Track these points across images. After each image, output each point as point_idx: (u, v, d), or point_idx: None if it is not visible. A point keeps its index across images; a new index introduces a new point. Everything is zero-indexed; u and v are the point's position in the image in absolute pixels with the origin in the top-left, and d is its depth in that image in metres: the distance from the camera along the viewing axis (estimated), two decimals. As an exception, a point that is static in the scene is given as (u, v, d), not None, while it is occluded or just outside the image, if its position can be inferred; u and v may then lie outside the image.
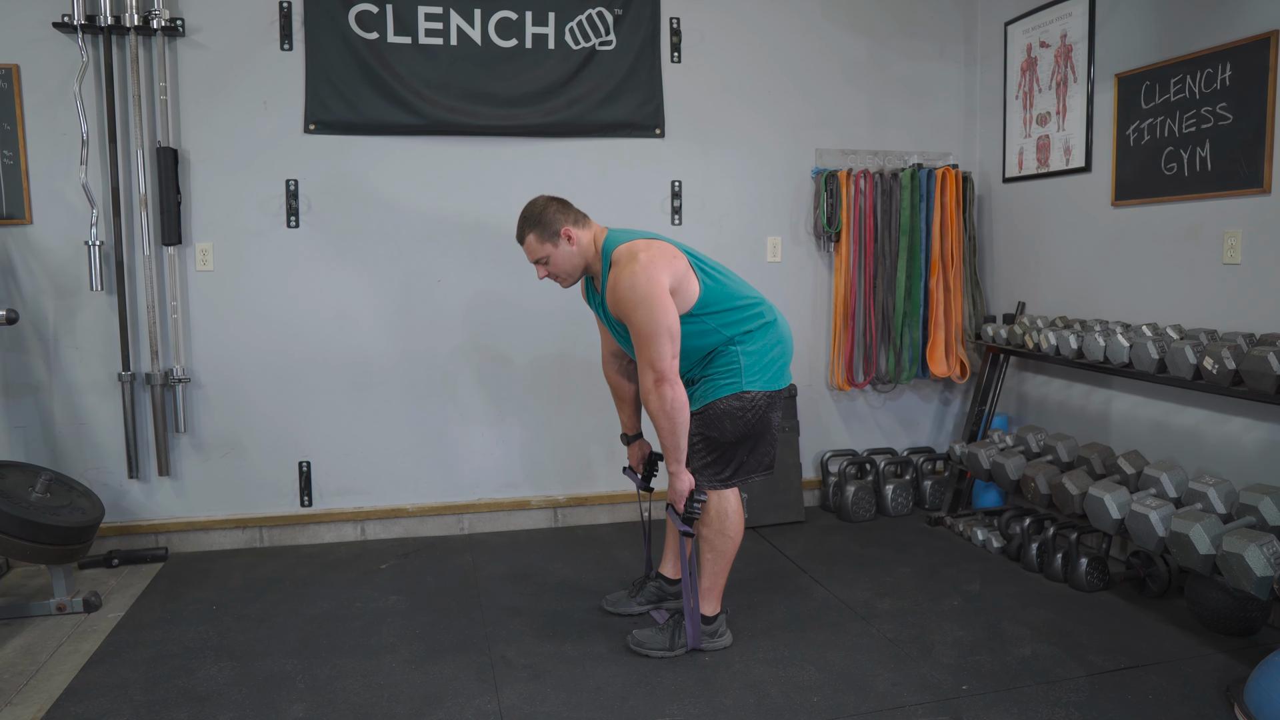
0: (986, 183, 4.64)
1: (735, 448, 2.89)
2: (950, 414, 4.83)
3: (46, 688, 2.78)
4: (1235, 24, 3.25)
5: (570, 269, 2.90)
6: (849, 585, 3.56)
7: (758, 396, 2.87)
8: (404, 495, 4.22)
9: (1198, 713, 2.57)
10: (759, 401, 2.88)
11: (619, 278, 2.74)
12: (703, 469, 2.89)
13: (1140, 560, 3.44)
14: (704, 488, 2.87)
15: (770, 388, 2.90)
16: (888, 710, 2.62)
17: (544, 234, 2.86)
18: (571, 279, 2.94)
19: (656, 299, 2.67)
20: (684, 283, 2.78)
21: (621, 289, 2.72)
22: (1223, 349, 3.00)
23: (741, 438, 2.89)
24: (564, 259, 2.88)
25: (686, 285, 2.79)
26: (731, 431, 2.86)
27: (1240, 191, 3.24)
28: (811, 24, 4.45)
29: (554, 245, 2.86)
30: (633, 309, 2.69)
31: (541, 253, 2.88)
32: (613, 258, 2.81)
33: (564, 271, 2.91)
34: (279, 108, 3.94)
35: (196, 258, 3.93)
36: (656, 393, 2.70)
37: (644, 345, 2.69)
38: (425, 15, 3.99)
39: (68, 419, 3.87)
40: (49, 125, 3.74)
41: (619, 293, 2.73)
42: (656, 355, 2.68)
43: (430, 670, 2.89)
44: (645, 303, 2.67)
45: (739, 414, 2.85)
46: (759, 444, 2.94)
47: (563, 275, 2.92)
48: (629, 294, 2.70)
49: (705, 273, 2.86)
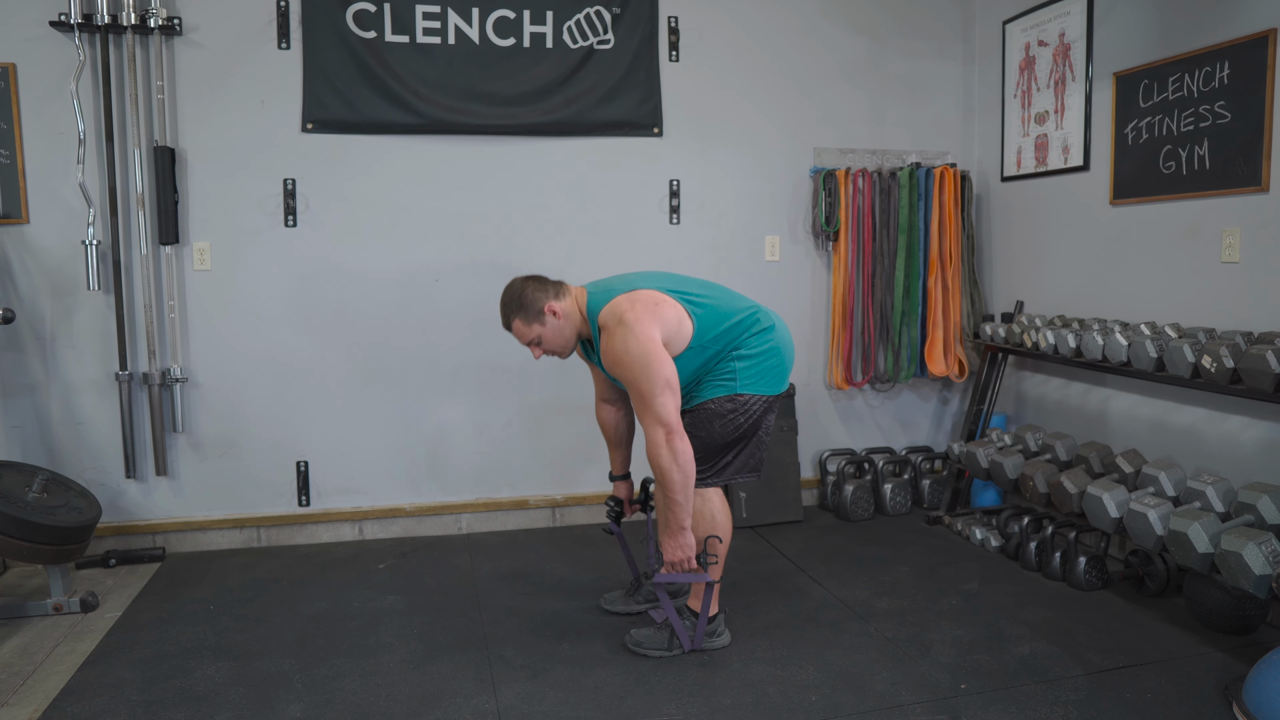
0: (985, 182, 4.64)
1: (723, 450, 2.89)
2: (949, 413, 4.82)
3: (43, 688, 2.78)
4: (1233, 22, 3.25)
5: (564, 342, 2.91)
6: (847, 584, 3.56)
7: (752, 400, 2.86)
8: (402, 495, 4.21)
9: (1196, 711, 2.57)
10: (754, 406, 2.87)
11: (610, 343, 2.74)
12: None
13: (1139, 559, 3.43)
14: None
15: (768, 392, 2.90)
16: (886, 709, 2.62)
17: (529, 316, 2.85)
18: (569, 350, 2.95)
19: (651, 355, 2.67)
20: (677, 325, 2.78)
21: (615, 353, 2.72)
22: (1221, 347, 3.00)
23: (731, 441, 2.88)
24: (555, 335, 2.88)
25: (680, 328, 2.79)
26: (720, 433, 2.86)
27: (1238, 190, 3.24)
28: (810, 23, 4.45)
29: (541, 324, 2.86)
30: (629, 370, 2.70)
31: (532, 335, 2.87)
32: (600, 323, 2.81)
33: (559, 347, 2.92)
34: (276, 107, 3.94)
35: (194, 257, 3.92)
36: (669, 447, 2.68)
37: (647, 404, 2.68)
38: (423, 14, 3.98)
39: (65, 419, 3.86)
40: (46, 124, 3.73)
41: (613, 356, 2.74)
42: (661, 411, 2.67)
43: (428, 670, 2.88)
44: (641, 362, 2.67)
45: (730, 415, 2.85)
46: (747, 446, 2.93)
47: (559, 350, 2.93)
48: (623, 357, 2.70)
49: (694, 304, 2.84)
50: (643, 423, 2.72)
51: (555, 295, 2.87)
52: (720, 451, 2.89)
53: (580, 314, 2.89)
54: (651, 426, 2.69)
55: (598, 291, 2.90)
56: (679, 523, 2.75)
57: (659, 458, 2.69)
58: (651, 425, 2.69)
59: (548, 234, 4.23)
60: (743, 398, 2.85)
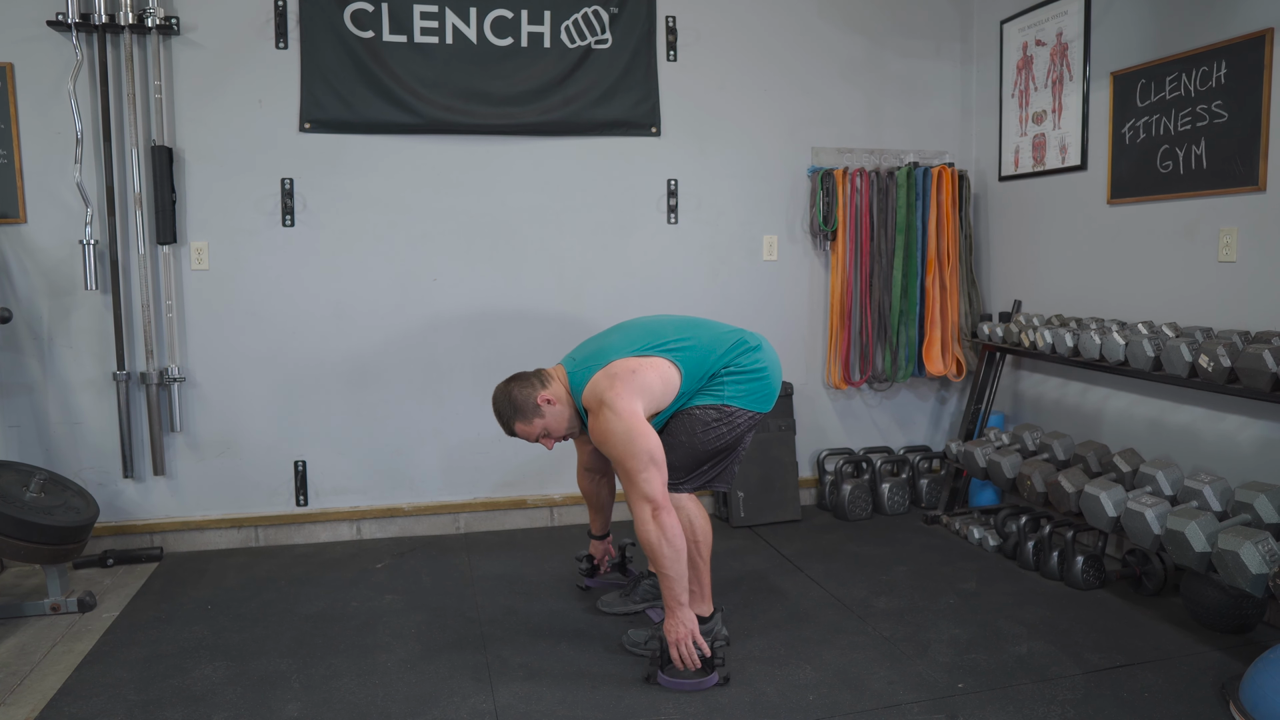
0: (982, 181, 4.64)
1: (703, 459, 2.88)
2: (946, 412, 4.83)
3: (41, 688, 2.78)
4: (1230, 22, 3.25)
5: (568, 424, 2.91)
6: (845, 584, 3.56)
7: (738, 414, 2.87)
8: (400, 495, 4.21)
9: (1193, 710, 2.57)
10: (739, 419, 2.87)
11: (596, 425, 2.74)
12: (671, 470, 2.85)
13: (1136, 558, 3.44)
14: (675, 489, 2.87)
15: (754, 409, 2.90)
16: (884, 709, 2.62)
17: (527, 415, 2.86)
18: (577, 428, 2.94)
19: (634, 432, 2.66)
20: (662, 387, 2.79)
21: (601, 432, 2.72)
22: (1218, 346, 3.01)
23: (712, 451, 2.87)
24: (557, 421, 2.89)
25: (666, 385, 2.79)
26: (703, 440, 2.85)
27: (1235, 189, 3.24)
28: (808, 23, 4.45)
29: (541, 418, 2.86)
30: (614, 448, 2.70)
31: (536, 431, 2.88)
32: (585, 406, 2.82)
33: (565, 432, 2.92)
34: (274, 106, 3.94)
35: (191, 257, 3.92)
36: (656, 523, 2.66)
37: (632, 481, 2.68)
38: (421, 14, 3.98)
39: (62, 418, 3.86)
40: (43, 124, 3.73)
41: (599, 436, 2.73)
42: (646, 488, 2.66)
43: (426, 670, 2.88)
44: (625, 440, 2.66)
45: (714, 425, 2.85)
46: (725, 460, 2.94)
47: (567, 432, 2.93)
48: (608, 436, 2.69)
49: (676, 352, 2.84)
50: (629, 500, 2.71)
51: (542, 385, 2.89)
52: (700, 460, 2.89)
53: (568, 393, 2.90)
54: (638, 503, 2.68)
55: (576, 370, 2.90)
56: (675, 599, 2.73)
57: (647, 534, 2.68)
58: (638, 502, 2.68)
59: (545, 233, 4.23)
60: (729, 409, 2.85)
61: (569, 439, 2.99)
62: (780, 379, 3.01)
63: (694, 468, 2.90)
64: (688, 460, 2.87)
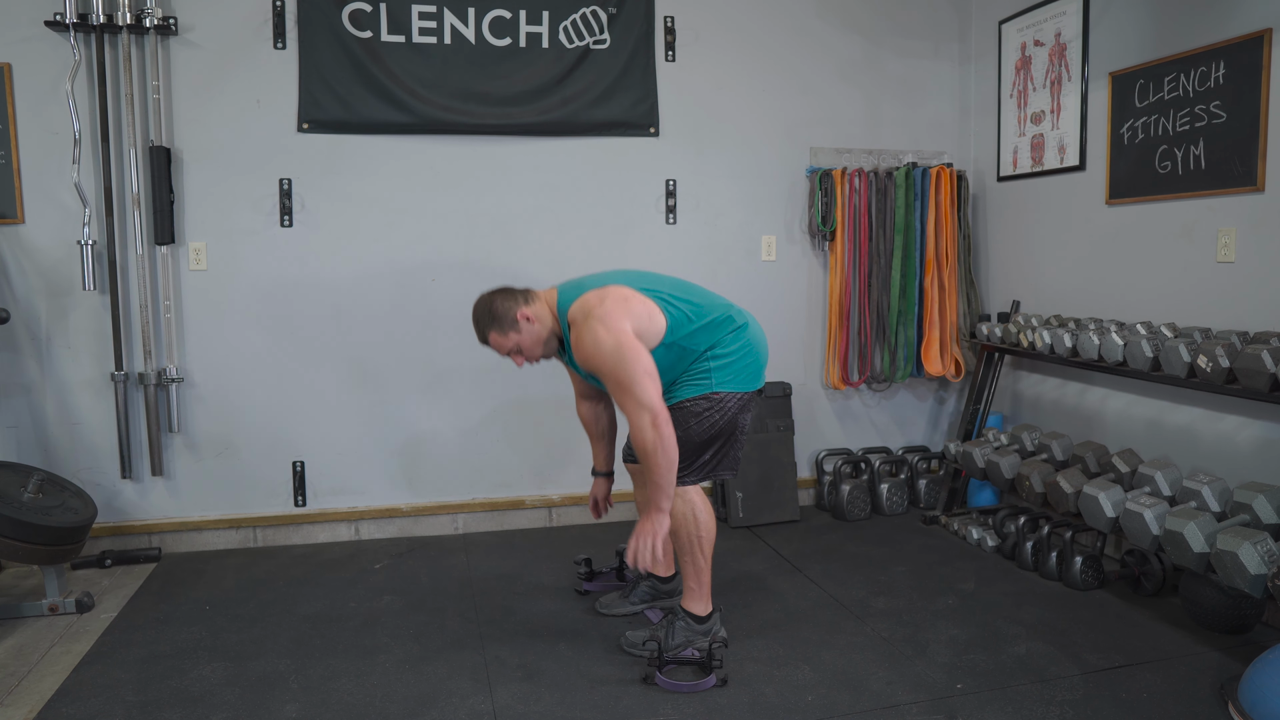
0: (981, 181, 4.64)
1: (701, 448, 2.87)
2: (945, 413, 4.83)
3: (38, 688, 2.77)
4: (1228, 22, 3.25)
5: (544, 347, 2.90)
6: (844, 584, 3.56)
7: (728, 398, 2.85)
8: (398, 495, 4.21)
9: (1192, 711, 2.57)
10: (729, 403, 2.86)
11: (581, 337, 2.72)
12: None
13: (1135, 559, 3.44)
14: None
15: (742, 389, 2.88)
16: (882, 709, 2.62)
17: (504, 326, 2.85)
18: (549, 352, 2.93)
19: (625, 346, 2.64)
20: (649, 321, 2.76)
21: (586, 347, 2.70)
22: (1217, 347, 3.01)
23: (708, 439, 2.86)
24: (533, 340, 2.86)
25: (652, 322, 2.77)
26: (697, 431, 2.84)
27: (1234, 190, 3.24)
28: (806, 23, 4.44)
29: (518, 333, 2.84)
30: (603, 362, 2.67)
31: (510, 344, 2.86)
32: (569, 318, 2.79)
33: (538, 353, 2.90)
34: (272, 106, 3.93)
35: (189, 257, 3.91)
36: (655, 432, 2.62)
37: (627, 391, 2.65)
38: (419, 14, 3.98)
39: (60, 419, 3.86)
40: (41, 124, 3.72)
41: (585, 351, 2.71)
42: (643, 396, 2.63)
43: (424, 670, 2.88)
44: (615, 354, 2.65)
45: (705, 414, 2.83)
46: (725, 445, 2.92)
47: (539, 355, 2.91)
48: (594, 350, 2.67)
49: (667, 302, 2.83)
50: (626, 412, 2.68)
51: (525, 301, 2.86)
52: (699, 450, 2.87)
53: (551, 313, 2.88)
54: (636, 413, 2.64)
55: (568, 289, 2.89)
56: (658, 504, 2.71)
57: (644, 442, 2.64)
58: (635, 411, 2.64)
59: (544, 234, 4.23)
60: (718, 395, 2.83)
61: (541, 361, 2.94)
62: (767, 355, 3.00)
63: (695, 458, 2.87)
64: (687, 452, 2.85)
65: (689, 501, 2.87)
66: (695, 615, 2.93)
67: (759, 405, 4.41)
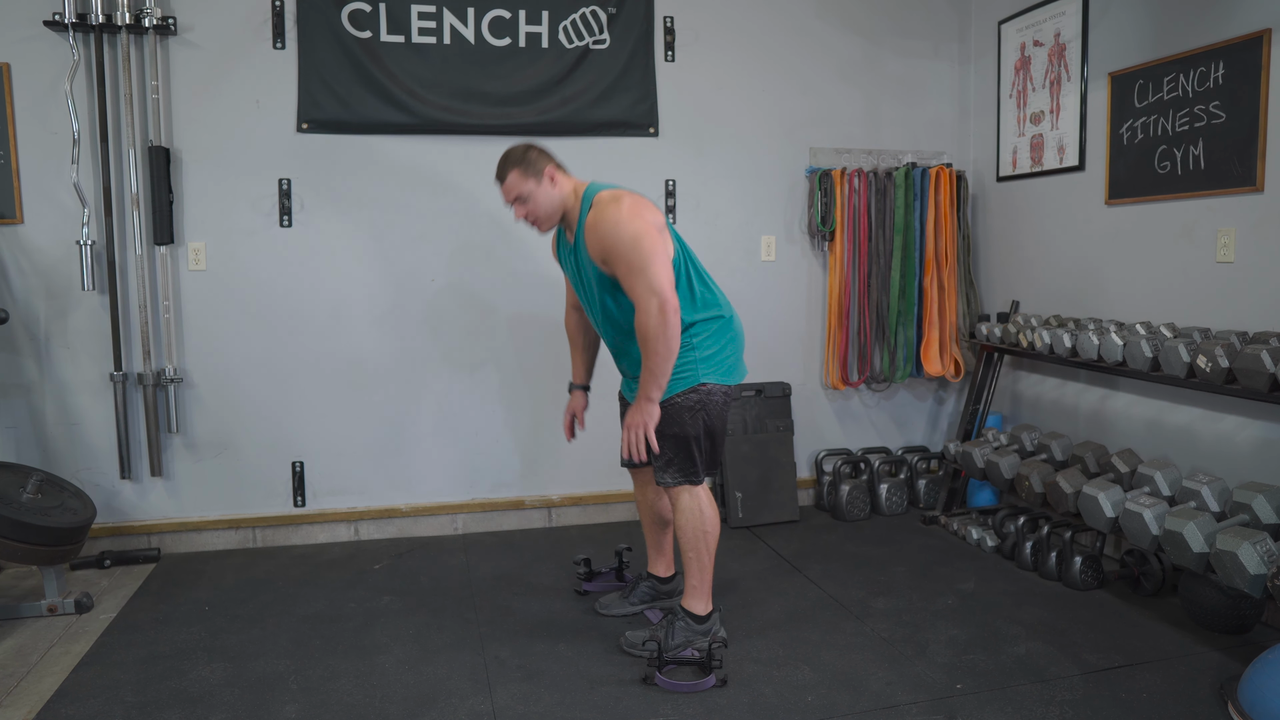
0: (980, 181, 4.64)
1: (697, 443, 2.86)
2: (945, 413, 4.83)
3: (37, 689, 2.77)
4: (1228, 23, 3.25)
5: (549, 211, 2.85)
6: (844, 584, 3.56)
7: (714, 390, 2.85)
8: (398, 495, 4.21)
9: (1191, 711, 2.57)
10: (716, 396, 2.86)
11: (602, 215, 2.71)
12: (666, 466, 2.87)
13: (1134, 559, 3.44)
14: (673, 485, 2.88)
15: (726, 381, 2.89)
16: (882, 709, 2.62)
17: (527, 171, 2.81)
18: (550, 223, 2.88)
19: (643, 229, 2.65)
20: (662, 235, 2.74)
21: (606, 225, 2.69)
22: (1216, 347, 3.01)
23: (699, 434, 2.85)
24: (544, 200, 2.83)
25: (665, 239, 2.75)
26: (691, 425, 2.83)
27: (1233, 190, 3.24)
28: (805, 23, 4.44)
29: (536, 183, 2.81)
30: (619, 241, 2.66)
31: (522, 189, 2.81)
32: (594, 200, 2.79)
33: (543, 213, 2.85)
34: (272, 106, 3.93)
35: (189, 257, 3.91)
36: (661, 318, 2.61)
37: (639, 276, 2.63)
38: (418, 14, 3.98)
39: (59, 419, 3.85)
40: (40, 124, 3.72)
41: (602, 229, 2.69)
42: (655, 281, 2.61)
43: (424, 671, 2.88)
44: (633, 236, 2.64)
45: (696, 408, 2.83)
46: (717, 441, 2.92)
47: (541, 218, 2.86)
48: (613, 229, 2.67)
49: (680, 244, 2.86)
50: (636, 297, 2.65)
51: (558, 168, 2.87)
52: (696, 445, 2.86)
53: (575, 196, 2.86)
54: (645, 297, 2.62)
55: (602, 183, 2.90)
56: (648, 393, 2.71)
57: (647, 326, 2.63)
58: (645, 296, 2.62)
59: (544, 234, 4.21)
60: (705, 388, 2.83)
61: (540, 227, 2.88)
62: (743, 347, 3.00)
63: (694, 454, 2.86)
64: (685, 450, 2.85)
65: (696, 498, 2.88)
66: (695, 615, 2.93)
67: (758, 405, 4.41)
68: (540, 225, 2.89)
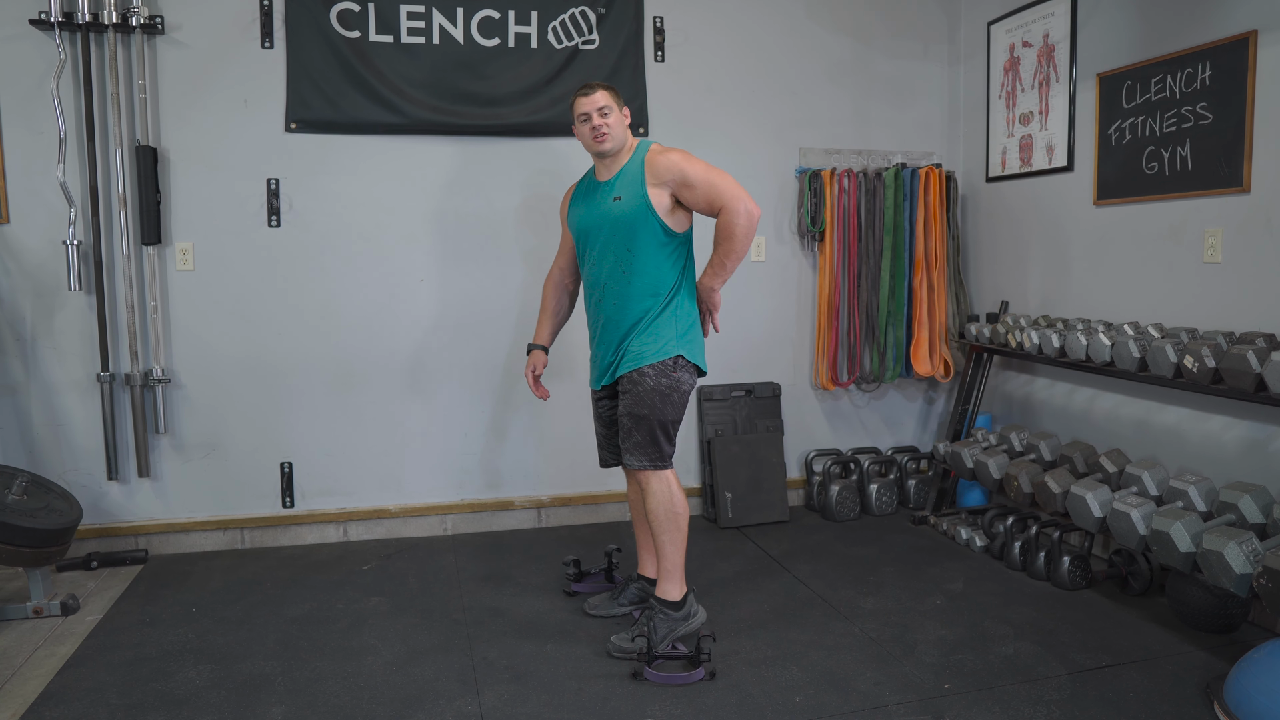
0: (970, 182, 4.65)
1: (662, 428, 2.97)
2: (934, 413, 4.83)
3: (22, 692, 2.75)
4: (1215, 24, 3.26)
5: (620, 135, 3.03)
6: (832, 585, 3.56)
7: (686, 372, 3.00)
8: (387, 496, 4.20)
9: (1178, 710, 2.58)
10: (686, 383, 3.00)
11: (668, 152, 2.98)
12: (637, 448, 2.97)
13: (1122, 558, 3.45)
14: (643, 469, 2.97)
15: (698, 362, 3.05)
16: (870, 710, 2.62)
17: (617, 97, 3.05)
18: (615, 144, 3.02)
19: (714, 168, 2.96)
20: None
21: (675, 156, 2.96)
22: (1203, 347, 3.02)
23: (669, 418, 2.98)
24: (619, 125, 3.03)
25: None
26: (661, 409, 2.95)
27: (1220, 191, 3.25)
28: (795, 23, 4.45)
29: (619, 109, 3.03)
30: (694, 166, 2.94)
31: (610, 104, 3.01)
32: (651, 147, 3.03)
33: (616, 133, 3.02)
34: (260, 106, 3.92)
35: (176, 257, 3.90)
36: (748, 218, 2.91)
37: (719, 188, 2.91)
38: (407, 14, 3.97)
39: (46, 420, 3.83)
40: (26, 123, 3.70)
41: (674, 157, 2.95)
42: (737, 186, 2.91)
43: (411, 672, 2.87)
44: (705, 165, 2.95)
45: (668, 391, 2.96)
46: (678, 425, 3.03)
47: (613, 135, 3.01)
48: (685, 159, 2.95)
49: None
50: (725, 200, 2.90)
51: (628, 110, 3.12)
52: (658, 430, 2.96)
53: (629, 142, 3.07)
54: (734, 199, 2.90)
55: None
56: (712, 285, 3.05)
57: (735, 224, 2.90)
58: (734, 198, 2.90)
59: (533, 234, 4.22)
60: (679, 372, 2.97)
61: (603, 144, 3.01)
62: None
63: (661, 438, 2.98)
64: (652, 432, 2.96)
65: (666, 481, 2.99)
66: (671, 602, 2.97)
67: (748, 406, 4.41)
68: (606, 141, 3.02)
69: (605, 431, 3.23)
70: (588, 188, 3.15)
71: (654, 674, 2.76)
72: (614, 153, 3.04)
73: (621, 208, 2.98)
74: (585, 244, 3.12)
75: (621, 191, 2.99)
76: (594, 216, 3.07)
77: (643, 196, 2.95)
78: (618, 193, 3.00)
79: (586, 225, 3.10)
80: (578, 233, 3.15)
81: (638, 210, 2.95)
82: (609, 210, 3.01)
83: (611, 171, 3.05)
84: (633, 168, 3.00)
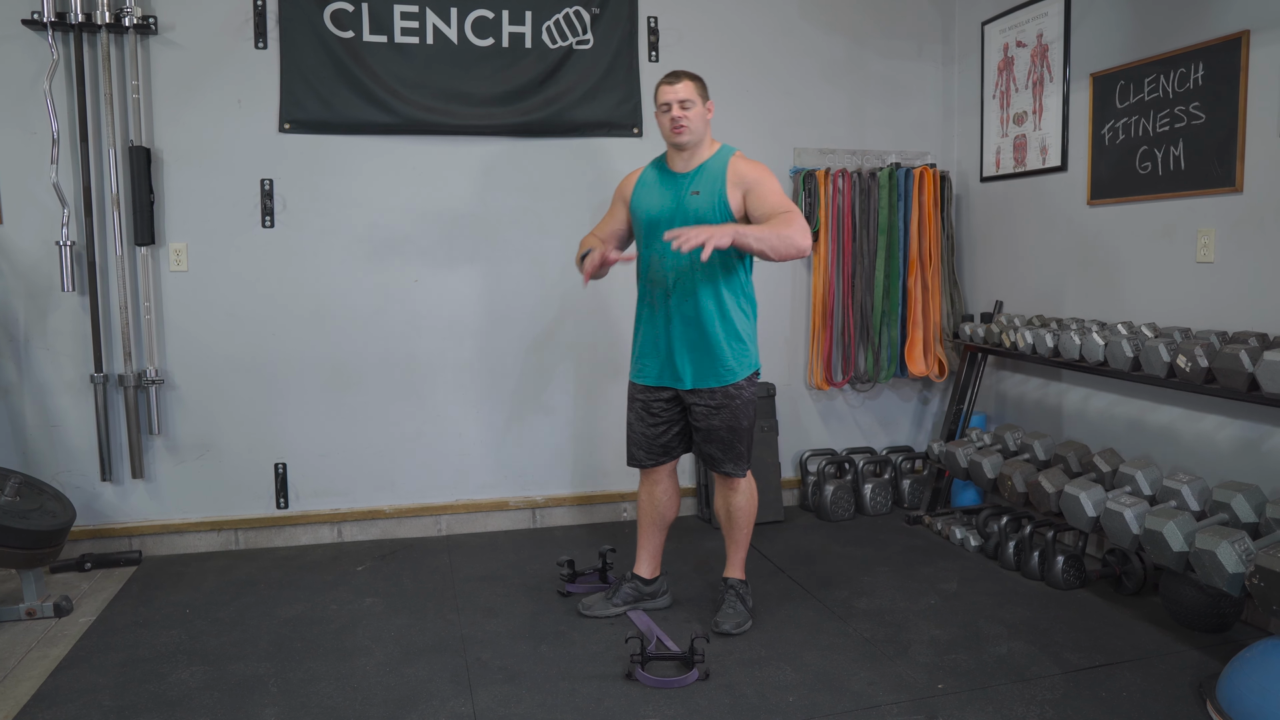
0: (964, 182, 4.65)
1: (749, 434, 3.16)
2: (929, 413, 4.84)
3: (14, 694, 2.75)
4: (1208, 24, 3.27)
5: (700, 129, 3.05)
6: (827, 584, 3.56)
7: (756, 380, 3.15)
8: (381, 497, 4.19)
9: (1171, 710, 2.58)
10: (756, 390, 3.17)
11: (752, 163, 3.06)
12: (740, 458, 3.14)
13: (1116, 558, 3.45)
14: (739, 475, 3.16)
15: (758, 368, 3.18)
16: (863, 710, 2.62)
17: (703, 90, 3.06)
18: (694, 136, 3.04)
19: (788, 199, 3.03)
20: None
21: (759, 168, 3.04)
22: (1196, 347, 3.02)
23: (753, 423, 3.17)
24: (700, 119, 3.04)
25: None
26: (749, 417, 3.14)
27: (1213, 190, 3.26)
28: (790, 23, 4.45)
29: (702, 103, 3.04)
30: (769, 181, 3.00)
31: (694, 97, 3.01)
32: (736, 153, 3.09)
33: (696, 126, 3.03)
34: (253, 107, 3.91)
35: (170, 258, 3.89)
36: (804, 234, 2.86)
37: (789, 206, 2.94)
38: (401, 14, 3.96)
39: (39, 421, 3.83)
40: (19, 124, 3.69)
41: (752, 169, 3.02)
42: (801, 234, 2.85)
43: (405, 673, 2.87)
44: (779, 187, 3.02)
45: (752, 400, 3.14)
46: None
47: (692, 129, 3.03)
48: (764, 173, 3.02)
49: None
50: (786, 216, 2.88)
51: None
52: (747, 436, 3.15)
53: (710, 141, 3.11)
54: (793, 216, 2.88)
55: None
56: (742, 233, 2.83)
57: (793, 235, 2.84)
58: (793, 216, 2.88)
59: (527, 234, 4.22)
60: (755, 377, 3.14)
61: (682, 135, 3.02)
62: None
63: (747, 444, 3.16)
64: (738, 443, 3.12)
65: (751, 481, 3.23)
66: (745, 581, 3.28)
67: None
68: (684, 134, 3.03)
69: (650, 431, 3.21)
70: (660, 177, 3.15)
71: (646, 677, 2.76)
72: (691, 146, 3.05)
73: (700, 202, 3.01)
74: (654, 233, 3.07)
75: (700, 187, 3.03)
76: (670, 207, 3.06)
77: (721, 194, 3.00)
78: (696, 187, 3.04)
79: (659, 214, 3.08)
80: (646, 221, 3.12)
81: (716, 207, 3.00)
82: (687, 203, 3.03)
83: (690, 165, 3.08)
84: (715, 166, 3.05)
